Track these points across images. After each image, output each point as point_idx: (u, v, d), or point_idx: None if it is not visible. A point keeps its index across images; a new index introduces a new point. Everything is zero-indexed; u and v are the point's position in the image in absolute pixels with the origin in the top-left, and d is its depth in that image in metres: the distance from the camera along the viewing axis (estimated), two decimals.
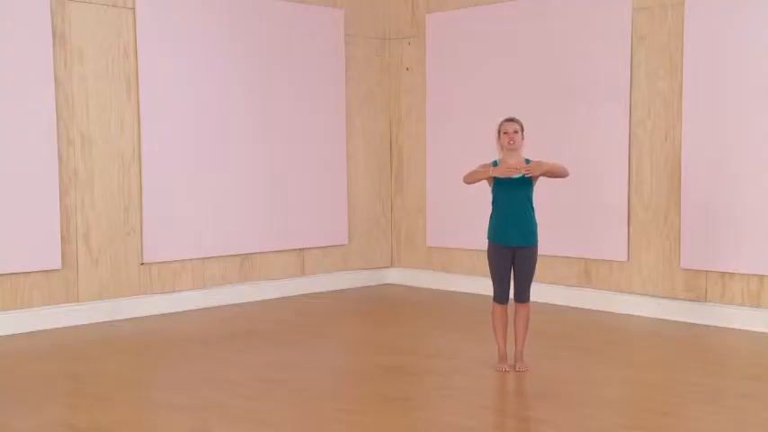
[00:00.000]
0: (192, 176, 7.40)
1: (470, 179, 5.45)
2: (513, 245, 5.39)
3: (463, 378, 5.33)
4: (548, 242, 7.69)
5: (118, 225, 7.04)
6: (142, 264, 7.20)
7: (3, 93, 6.43)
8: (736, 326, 6.58)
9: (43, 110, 6.60)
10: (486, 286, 8.13)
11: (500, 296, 5.48)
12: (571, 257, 7.55)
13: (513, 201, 5.37)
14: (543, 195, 7.64)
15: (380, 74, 8.81)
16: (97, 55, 6.89)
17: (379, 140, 8.80)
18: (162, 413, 4.76)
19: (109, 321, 6.96)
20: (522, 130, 5.48)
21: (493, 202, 5.47)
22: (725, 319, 6.65)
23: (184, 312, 7.36)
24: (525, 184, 5.37)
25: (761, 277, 6.52)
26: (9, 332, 6.49)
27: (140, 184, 7.14)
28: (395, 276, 8.87)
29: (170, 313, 7.29)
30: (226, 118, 7.61)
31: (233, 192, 7.69)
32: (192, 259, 7.48)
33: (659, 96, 6.95)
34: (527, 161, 5.43)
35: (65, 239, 6.76)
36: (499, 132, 5.49)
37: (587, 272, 7.48)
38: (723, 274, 6.70)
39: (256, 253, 7.91)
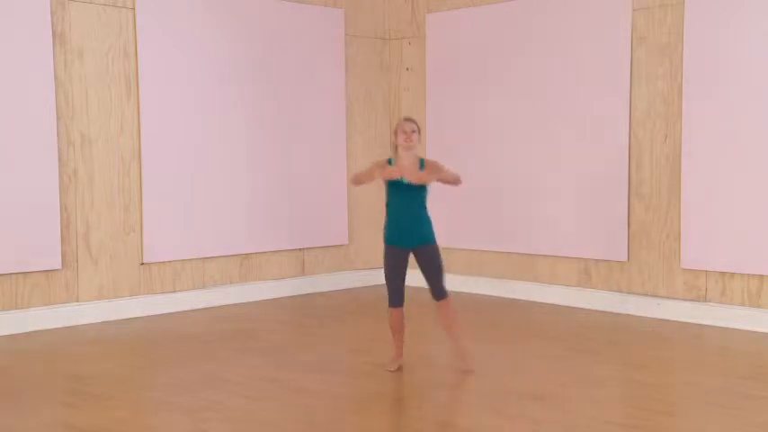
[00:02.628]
0: (191, 176, 7.40)
1: (356, 179, 5.44)
2: (409, 246, 5.38)
3: (462, 378, 5.33)
4: (548, 242, 7.75)
5: (118, 225, 7.04)
6: (142, 264, 7.20)
7: (3, 93, 6.43)
8: (736, 326, 6.58)
9: (43, 110, 6.60)
10: (486, 286, 8.17)
11: (395, 300, 5.44)
12: (571, 257, 7.55)
13: (406, 203, 5.35)
14: (543, 195, 7.68)
15: (380, 74, 8.81)
16: (97, 55, 6.89)
17: (379, 140, 8.79)
18: (162, 413, 4.76)
19: (109, 321, 6.96)
20: (419, 130, 5.44)
21: (387, 204, 5.45)
22: (725, 319, 6.65)
23: (184, 312, 7.36)
24: (419, 186, 5.33)
25: (761, 277, 6.52)
26: (9, 332, 6.49)
27: (140, 184, 7.14)
28: None
29: (170, 313, 7.29)
30: (226, 118, 7.62)
31: (233, 192, 7.69)
32: (191, 259, 7.48)
33: (659, 96, 6.95)
34: (421, 161, 5.40)
35: (65, 239, 6.76)
36: (396, 131, 5.42)
37: (587, 272, 7.48)
38: (723, 274, 6.70)
39: (256, 253, 7.91)
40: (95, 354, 6.04)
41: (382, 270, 5.45)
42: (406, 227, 5.38)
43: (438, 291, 5.44)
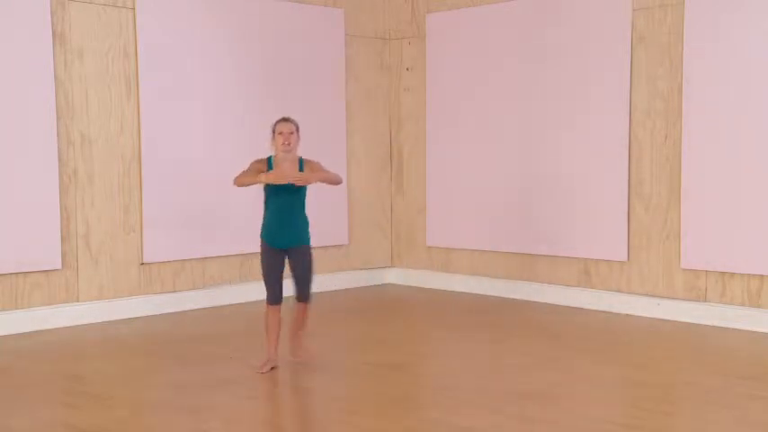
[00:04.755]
0: (191, 176, 7.40)
1: (240, 183, 5.38)
2: (284, 246, 5.39)
3: (462, 378, 5.33)
4: (548, 242, 7.75)
5: (118, 225, 7.04)
6: (142, 264, 7.20)
7: (3, 93, 6.43)
8: (736, 326, 6.58)
9: (43, 110, 6.60)
10: (486, 286, 8.17)
11: (272, 298, 5.44)
12: (571, 257, 7.55)
13: (285, 204, 5.37)
14: (543, 194, 7.68)
15: (380, 74, 8.81)
16: (97, 55, 6.89)
17: (379, 140, 8.80)
18: (162, 413, 4.76)
19: (109, 321, 6.96)
20: (298, 130, 5.41)
21: (265, 203, 5.43)
22: (725, 319, 6.65)
23: (184, 312, 7.36)
24: (297, 188, 5.34)
25: (761, 277, 6.52)
26: (9, 332, 6.49)
27: (140, 185, 7.14)
28: (395, 276, 8.87)
29: (170, 313, 7.29)
30: (225, 118, 7.61)
31: (233, 192, 7.65)
32: (191, 259, 7.48)
33: (659, 96, 6.95)
34: (300, 161, 5.40)
35: (65, 239, 6.76)
36: (274, 132, 5.39)
37: (587, 272, 7.47)
38: (723, 274, 6.70)
39: (256, 253, 7.87)
40: (95, 354, 6.04)
41: (384, 270, 5.44)
42: (284, 228, 5.39)
43: (304, 293, 5.47)
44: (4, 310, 6.53)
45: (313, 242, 5.58)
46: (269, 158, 5.43)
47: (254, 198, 7.82)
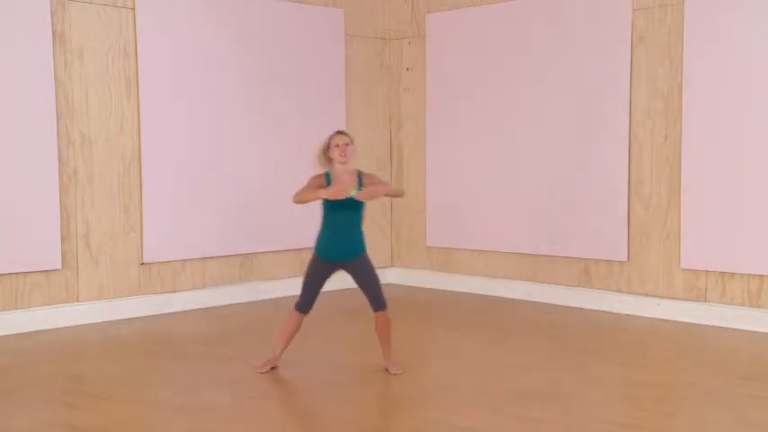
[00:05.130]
0: (191, 176, 7.40)
1: (300, 200, 5.31)
2: (342, 260, 5.34)
3: (462, 378, 5.33)
4: (548, 242, 7.75)
5: (118, 225, 7.04)
6: (142, 264, 7.20)
7: (3, 93, 6.43)
8: (736, 326, 6.58)
9: (43, 110, 6.60)
10: (486, 287, 8.17)
11: (302, 306, 5.40)
12: (571, 257, 7.55)
13: (343, 219, 5.30)
14: (543, 194, 7.68)
15: (380, 74, 8.81)
16: (97, 55, 6.89)
17: (379, 140, 8.80)
18: (162, 413, 4.76)
19: (109, 321, 6.96)
20: (353, 142, 5.34)
21: (323, 218, 5.37)
22: (725, 319, 6.65)
23: (184, 312, 7.36)
24: (358, 203, 5.26)
25: (761, 277, 6.52)
26: (9, 332, 6.49)
27: (140, 184, 7.14)
28: (395, 276, 8.87)
29: (170, 313, 7.29)
30: (226, 118, 7.62)
31: (233, 192, 7.69)
32: (191, 259, 7.48)
33: (659, 96, 6.95)
34: (359, 174, 5.34)
35: (65, 239, 6.76)
36: (329, 146, 5.32)
37: (587, 272, 7.48)
38: (723, 274, 6.70)
39: (256, 253, 7.91)
40: (95, 354, 6.04)
41: (384, 270, 5.42)
42: (341, 243, 5.33)
43: (379, 300, 5.38)
44: (4, 310, 6.53)
45: (312, 242, 5.57)
46: (327, 173, 5.34)
47: (255, 198, 7.85)
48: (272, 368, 5.43)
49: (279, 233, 8.00)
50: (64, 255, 6.76)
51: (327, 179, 5.32)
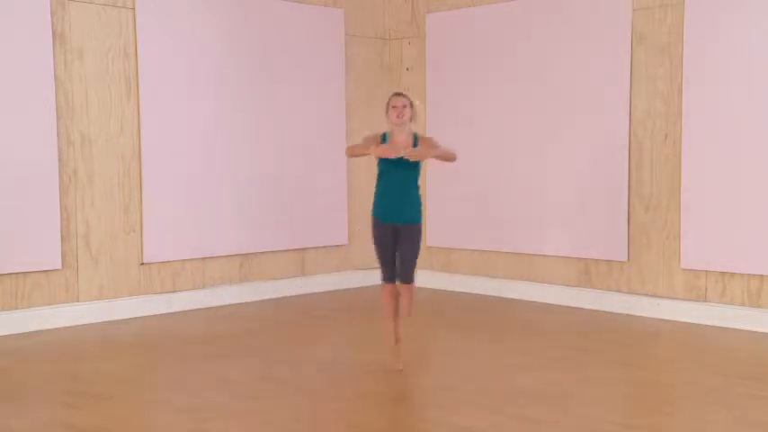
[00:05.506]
0: (192, 176, 7.40)
1: (351, 153, 5.38)
2: (394, 222, 5.30)
3: (463, 378, 5.33)
4: (548, 242, 7.75)
5: (118, 225, 7.04)
6: (142, 264, 7.20)
7: (3, 93, 6.43)
8: (736, 326, 6.58)
9: (43, 110, 6.60)
10: (486, 287, 8.17)
11: (387, 275, 5.39)
12: (571, 257, 7.55)
13: (397, 179, 5.29)
14: (543, 195, 7.68)
15: (380, 74, 8.81)
16: (97, 55, 6.89)
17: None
18: (162, 413, 4.76)
19: (109, 321, 6.96)
20: (412, 105, 5.35)
21: (377, 177, 5.37)
22: (725, 319, 6.65)
23: (184, 312, 7.36)
24: (413, 163, 5.25)
25: (761, 277, 6.52)
26: (9, 332, 6.49)
27: (140, 184, 7.14)
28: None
29: (170, 313, 7.29)
30: (226, 118, 7.62)
31: (233, 192, 7.69)
32: (191, 259, 7.48)
33: (659, 96, 6.95)
34: (415, 136, 5.35)
35: (65, 239, 6.76)
36: (388, 106, 5.36)
37: (587, 272, 7.48)
38: (723, 274, 6.70)
39: (256, 253, 7.91)
40: (95, 354, 6.04)
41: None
42: (396, 204, 5.30)
43: (408, 274, 5.36)
44: (4, 310, 6.53)
45: (312, 242, 5.57)
46: (384, 134, 5.36)
47: (255, 198, 7.85)
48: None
49: (279, 233, 8.00)
50: (64, 255, 6.76)
51: (383, 139, 5.33)
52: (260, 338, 6.47)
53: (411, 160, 5.21)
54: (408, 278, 5.38)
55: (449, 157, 5.42)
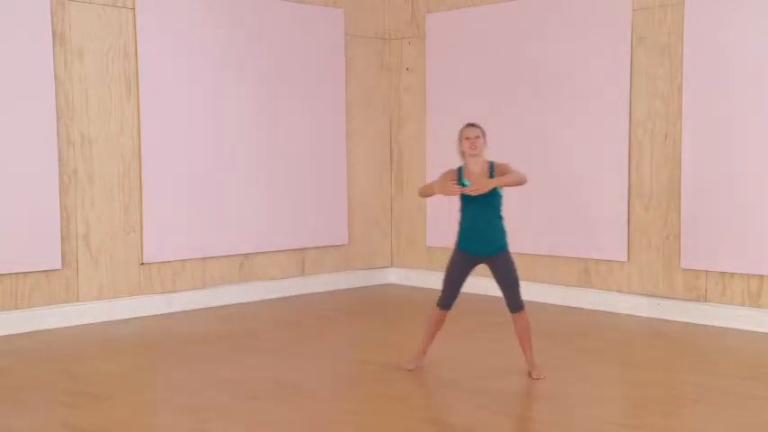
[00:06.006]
0: (192, 176, 7.40)
1: (420, 194, 5.43)
2: (480, 254, 5.30)
3: (463, 378, 5.33)
4: (548, 242, 7.74)
5: (118, 225, 7.04)
6: (142, 264, 7.20)
7: (3, 93, 6.43)
8: (736, 326, 6.58)
9: (43, 110, 6.60)
10: (486, 287, 8.15)
11: (444, 302, 5.39)
12: (571, 257, 7.55)
13: (478, 212, 5.29)
14: (543, 194, 7.67)
15: (380, 74, 8.81)
16: (97, 55, 6.89)
17: (379, 140, 8.80)
18: (162, 413, 4.76)
19: (109, 321, 6.96)
20: (484, 135, 5.36)
21: (460, 210, 5.39)
22: (725, 319, 6.65)
23: (184, 312, 7.36)
24: (490, 193, 5.22)
25: (761, 277, 6.52)
26: (9, 332, 6.49)
27: (140, 184, 7.14)
28: (395, 276, 8.87)
29: (170, 313, 7.29)
30: (226, 118, 7.61)
31: (233, 192, 7.69)
32: (191, 259, 7.48)
33: (659, 96, 6.95)
34: (491, 164, 5.33)
35: (65, 239, 6.76)
36: (460, 138, 5.37)
37: (587, 272, 7.48)
38: (723, 274, 6.70)
39: (256, 253, 7.91)
40: (95, 354, 6.04)
41: (384, 270, 5.40)
42: (481, 236, 5.29)
43: (516, 301, 5.31)
44: (4, 310, 6.53)
45: (313, 242, 5.57)
46: (460, 168, 5.37)
47: (255, 198, 7.85)
48: (416, 366, 5.40)
49: (279, 233, 8.00)
50: (64, 255, 6.76)
51: (460, 173, 5.34)
52: (260, 338, 6.47)
53: (486, 191, 5.17)
54: (518, 304, 5.32)
55: (515, 182, 5.30)
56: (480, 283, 8.18)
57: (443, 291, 5.40)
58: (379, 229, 8.84)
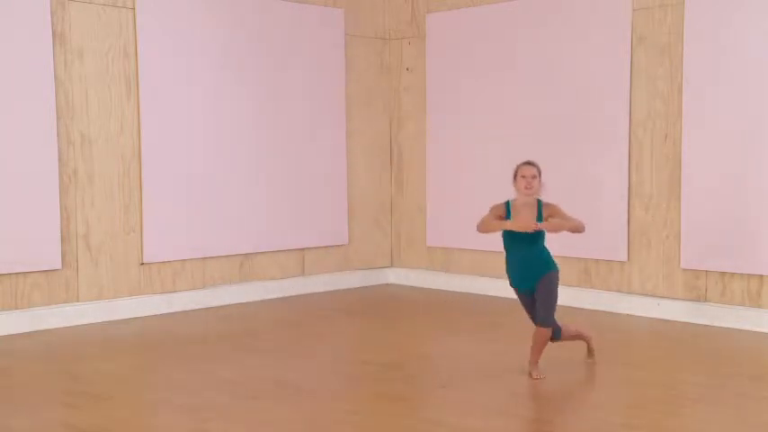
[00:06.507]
0: (192, 176, 7.40)
1: (484, 230, 5.41)
2: (528, 287, 5.32)
3: (463, 378, 5.33)
4: (548, 242, 7.72)
5: (118, 225, 7.04)
6: (142, 264, 7.20)
7: (3, 93, 6.43)
8: (736, 326, 6.58)
9: (43, 110, 6.60)
10: (485, 287, 8.17)
11: (534, 321, 5.41)
12: (571, 257, 7.54)
13: (522, 250, 5.31)
14: (543, 194, 7.65)
15: (380, 74, 8.81)
16: (97, 55, 6.89)
17: (379, 140, 8.80)
18: (162, 413, 4.76)
19: (109, 321, 6.96)
20: (540, 173, 5.31)
21: (504, 247, 5.41)
22: (725, 319, 6.65)
23: (184, 312, 7.36)
24: (535, 234, 5.25)
25: (761, 277, 6.52)
26: (9, 332, 6.49)
27: (140, 184, 7.14)
28: (395, 276, 8.87)
29: (170, 313, 7.29)
30: (226, 118, 7.62)
31: (233, 192, 7.69)
32: (191, 259, 7.48)
33: (659, 96, 6.95)
34: (539, 203, 5.32)
35: (65, 239, 6.76)
36: (516, 175, 5.33)
37: (587, 272, 7.48)
38: (723, 274, 6.70)
39: (256, 253, 7.91)
40: (95, 354, 6.04)
41: (384, 270, 5.40)
42: (523, 272, 5.31)
43: (538, 315, 5.30)
44: (4, 310, 6.53)
45: (313, 242, 5.56)
46: (507, 203, 5.37)
47: (255, 198, 7.85)
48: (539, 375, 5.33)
49: (279, 233, 8.00)
50: (64, 255, 6.76)
51: (507, 208, 5.34)
52: (260, 338, 6.47)
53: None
54: (541, 320, 5.29)
55: (574, 229, 5.38)
56: (480, 282, 8.20)
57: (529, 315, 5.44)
58: (379, 228, 8.84)
